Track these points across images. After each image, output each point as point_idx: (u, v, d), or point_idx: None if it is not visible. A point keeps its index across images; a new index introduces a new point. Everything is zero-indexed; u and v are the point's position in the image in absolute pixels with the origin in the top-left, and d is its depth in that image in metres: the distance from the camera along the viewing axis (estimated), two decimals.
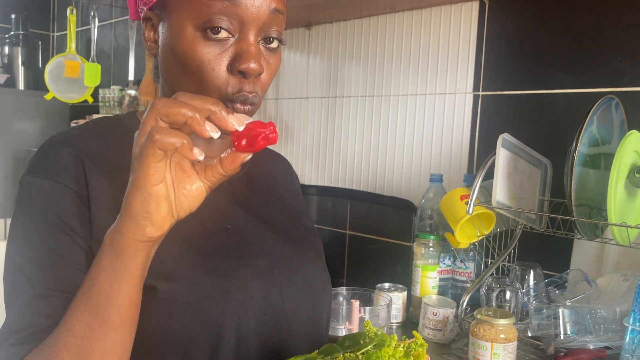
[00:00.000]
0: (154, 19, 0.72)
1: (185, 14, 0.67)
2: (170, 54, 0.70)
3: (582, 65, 1.31)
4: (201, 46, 0.67)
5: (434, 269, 1.35)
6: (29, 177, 0.71)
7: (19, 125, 2.69)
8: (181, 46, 0.67)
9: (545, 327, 1.12)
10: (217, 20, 0.66)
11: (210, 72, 0.67)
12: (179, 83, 0.70)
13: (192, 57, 0.67)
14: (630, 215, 1.08)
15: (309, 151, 1.93)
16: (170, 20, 0.69)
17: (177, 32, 0.68)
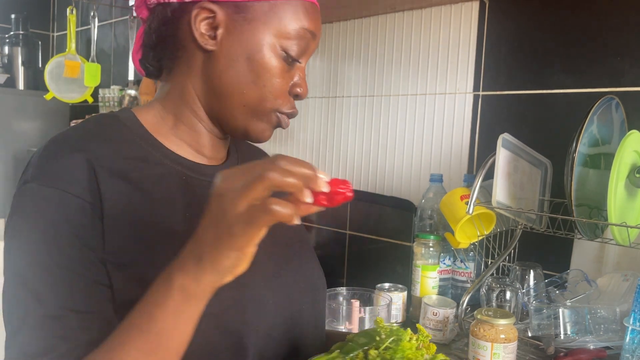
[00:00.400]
0: (221, 15, 0.71)
1: (273, 30, 0.71)
2: (242, 60, 0.71)
3: (582, 65, 1.31)
4: (280, 64, 0.72)
5: (434, 269, 1.35)
6: (34, 184, 0.65)
7: (19, 125, 2.69)
8: (262, 58, 0.71)
9: (546, 327, 1.12)
10: (300, 49, 0.73)
11: (277, 89, 0.72)
12: (242, 88, 0.72)
13: (270, 72, 0.71)
14: (630, 215, 1.08)
15: (309, 151, 1.93)
16: (252, 28, 0.71)
17: (261, 44, 0.71)
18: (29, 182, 0.66)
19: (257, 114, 0.74)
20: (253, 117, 0.74)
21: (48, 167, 0.66)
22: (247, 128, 0.75)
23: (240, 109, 0.73)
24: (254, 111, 0.73)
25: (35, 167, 0.67)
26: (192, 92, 0.75)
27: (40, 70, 2.74)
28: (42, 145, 0.70)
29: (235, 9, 0.71)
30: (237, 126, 0.75)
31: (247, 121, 0.74)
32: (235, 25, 0.71)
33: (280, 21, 0.71)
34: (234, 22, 0.71)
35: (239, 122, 0.75)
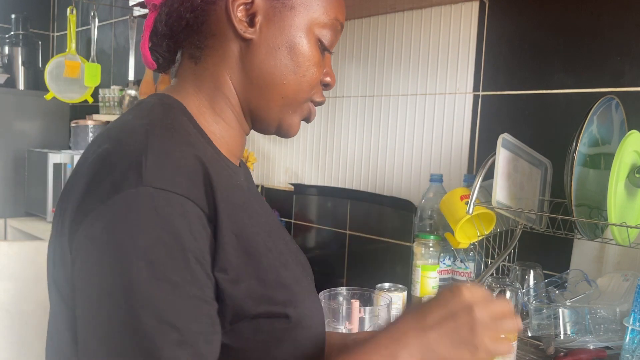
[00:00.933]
0: (260, 2, 0.68)
1: (313, 19, 0.70)
2: (283, 48, 0.69)
3: (582, 65, 1.31)
4: (318, 53, 0.72)
5: (434, 269, 1.35)
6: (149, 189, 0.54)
7: (19, 125, 2.69)
8: (303, 47, 0.69)
9: (545, 327, 1.12)
10: (334, 39, 0.73)
11: (315, 78, 0.72)
12: (282, 78, 0.69)
13: (310, 61, 0.70)
14: (630, 215, 1.08)
15: (309, 151, 1.93)
16: (292, 15, 0.69)
17: (302, 32, 0.69)
18: (140, 186, 0.54)
19: (293, 105, 0.72)
20: (289, 109, 0.72)
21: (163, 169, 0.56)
22: (281, 121, 0.73)
23: (278, 101, 0.71)
24: (291, 102, 0.72)
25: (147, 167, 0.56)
26: (230, 83, 0.70)
27: (41, 70, 2.75)
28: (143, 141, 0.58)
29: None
30: (272, 119, 0.73)
31: (282, 113, 0.72)
32: (275, 12, 0.68)
33: (319, 9, 0.70)
34: (273, 9, 0.68)
35: (274, 115, 0.72)
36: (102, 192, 0.56)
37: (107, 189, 0.55)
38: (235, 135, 0.73)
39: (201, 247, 0.56)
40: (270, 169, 2.05)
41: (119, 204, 0.54)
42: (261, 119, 0.73)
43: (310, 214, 1.92)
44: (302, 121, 0.76)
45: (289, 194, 1.97)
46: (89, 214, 0.56)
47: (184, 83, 0.71)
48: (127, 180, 0.55)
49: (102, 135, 0.66)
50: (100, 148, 0.61)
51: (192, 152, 0.60)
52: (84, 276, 0.56)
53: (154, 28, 0.71)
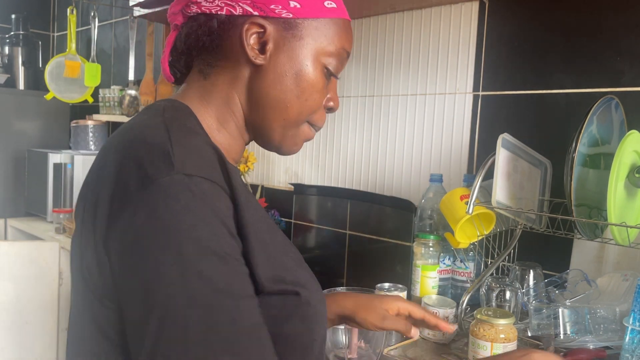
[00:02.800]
0: (271, 31, 0.72)
1: (320, 48, 0.75)
2: (290, 75, 0.74)
3: (582, 65, 1.31)
4: (322, 80, 0.76)
5: (434, 269, 1.35)
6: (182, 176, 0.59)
7: (19, 125, 2.69)
8: (309, 75, 0.74)
9: (545, 327, 1.12)
10: (339, 67, 0.78)
11: (317, 103, 0.76)
12: (286, 102, 0.74)
13: (314, 87, 0.75)
14: (630, 215, 1.08)
15: (309, 151, 1.93)
16: (301, 45, 0.74)
17: (309, 60, 0.74)
18: (173, 174, 0.59)
19: (293, 126, 0.77)
20: (290, 130, 0.77)
21: (190, 157, 0.61)
22: (282, 141, 0.78)
23: (280, 122, 0.76)
24: (292, 124, 0.76)
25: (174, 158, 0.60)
26: (237, 101, 0.76)
27: (41, 70, 2.75)
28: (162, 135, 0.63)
29: (285, 25, 0.73)
30: (274, 138, 0.78)
31: (283, 134, 0.77)
32: (284, 41, 0.73)
33: (326, 39, 0.75)
34: (283, 39, 0.73)
35: (276, 135, 0.77)
36: (137, 184, 0.59)
37: (141, 180, 0.59)
38: (236, 144, 0.78)
39: (233, 224, 0.62)
40: (270, 169, 2.05)
41: (156, 192, 0.58)
42: (263, 137, 0.79)
43: (310, 213, 1.92)
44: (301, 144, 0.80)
45: (289, 194, 1.97)
46: (127, 206, 0.59)
47: (190, 92, 0.76)
48: (159, 170, 0.59)
49: (120, 134, 0.70)
50: (122, 144, 0.66)
51: (208, 141, 0.67)
52: (133, 265, 0.59)
53: (174, 45, 0.78)
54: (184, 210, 0.58)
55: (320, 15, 0.75)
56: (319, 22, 0.75)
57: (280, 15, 0.72)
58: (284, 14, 0.72)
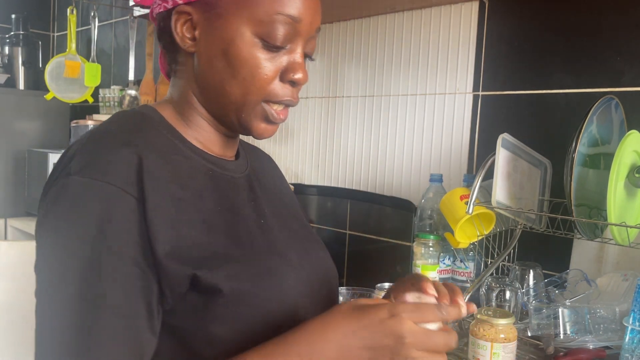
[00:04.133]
0: (195, 15, 0.71)
1: (245, 20, 0.69)
2: (219, 56, 0.71)
3: (582, 65, 1.31)
4: (259, 54, 0.70)
5: (434, 269, 1.35)
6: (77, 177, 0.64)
7: (19, 125, 2.69)
8: (237, 51, 0.70)
9: (545, 326, 1.12)
10: (279, 34, 0.70)
11: (262, 76, 0.71)
12: (224, 84, 0.72)
13: (248, 63, 0.70)
14: (630, 215, 1.08)
15: (309, 151, 1.93)
16: (223, 23, 0.70)
17: (234, 36, 0.70)
18: (71, 175, 0.64)
19: (244, 109, 0.73)
20: (242, 113, 0.73)
21: (93, 160, 0.65)
22: (242, 124, 0.75)
23: (230, 105, 0.73)
24: (241, 107, 0.73)
25: (77, 160, 0.65)
26: (192, 93, 0.75)
27: (41, 70, 2.75)
28: (84, 139, 0.69)
29: (206, 6, 0.71)
30: (233, 123, 0.75)
31: (238, 117, 0.74)
32: (208, 22, 0.71)
33: (252, 9, 0.69)
34: (207, 20, 0.71)
35: (233, 119, 0.75)
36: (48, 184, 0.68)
37: (50, 181, 0.67)
38: (210, 137, 0.77)
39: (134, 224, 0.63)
40: None
41: (54, 191, 0.65)
42: (226, 124, 0.77)
43: (310, 213, 1.92)
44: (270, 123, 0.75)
45: None
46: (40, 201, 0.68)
47: (167, 93, 0.79)
48: (62, 172, 0.65)
49: None
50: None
51: (129, 149, 0.66)
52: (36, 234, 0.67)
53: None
54: (70, 209, 0.63)
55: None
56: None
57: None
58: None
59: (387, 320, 0.61)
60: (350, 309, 0.63)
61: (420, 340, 0.60)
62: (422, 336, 0.61)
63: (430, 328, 0.63)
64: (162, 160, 0.68)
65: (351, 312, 0.63)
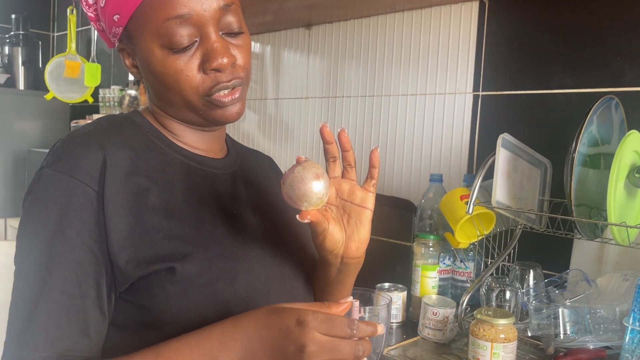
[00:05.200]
0: (127, 48, 0.79)
1: (147, 39, 0.74)
2: (150, 76, 0.76)
3: (582, 65, 1.31)
4: (171, 61, 0.73)
5: (434, 269, 1.35)
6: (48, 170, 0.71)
7: (19, 125, 2.69)
8: (155, 68, 0.74)
9: (545, 327, 1.12)
10: (176, 38, 0.72)
11: (185, 79, 0.74)
12: (165, 97, 0.77)
13: (167, 73, 0.74)
14: (630, 215, 1.08)
15: (309, 151, 1.93)
16: (139, 48, 0.75)
17: (148, 57, 0.74)
18: (44, 168, 0.71)
19: (195, 108, 0.76)
20: (197, 111, 0.77)
21: (64, 155, 0.71)
22: (204, 118, 0.78)
23: (183, 112, 0.78)
24: (191, 108, 0.76)
25: (52, 155, 0.73)
26: (155, 107, 0.82)
27: (41, 70, 2.75)
28: (63, 138, 0.75)
29: (127, 38, 0.77)
30: (197, 119, 0.79)
31: (196, 114, 0.78)
32: (134, 51, 0.77)
33: (147, 26, 0.73)
34: (132, 50, 0.78)
35: (196, 119, 0.78)
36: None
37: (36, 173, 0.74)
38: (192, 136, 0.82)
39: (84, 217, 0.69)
40: None
41: (33, 181, 0.72)
42: (194, 124, 0.80)
43: None
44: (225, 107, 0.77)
45: None
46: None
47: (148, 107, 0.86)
48: (41, 165, 0.73)
49: None
50: None
51: (96, 149, 0.72)
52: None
53: None
54: (38, 201, 0.70)
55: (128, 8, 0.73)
56: (135, 14, 0.73)
57: (117, 34, 0.78)
58: (114, 29, 0.77)
59: (293, 327, 0.60)
60: (266, 312, 0.64)
61: (323, 351, 0.60)
62: (326, 346, 0.60)
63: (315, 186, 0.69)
64: (132, 155, 0.74)
65: (265, 316, 0.64)
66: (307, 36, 1.93)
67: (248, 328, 0.64)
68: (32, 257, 0.68)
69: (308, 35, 1.92)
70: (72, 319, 0.67)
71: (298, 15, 1.78)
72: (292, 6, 1.68)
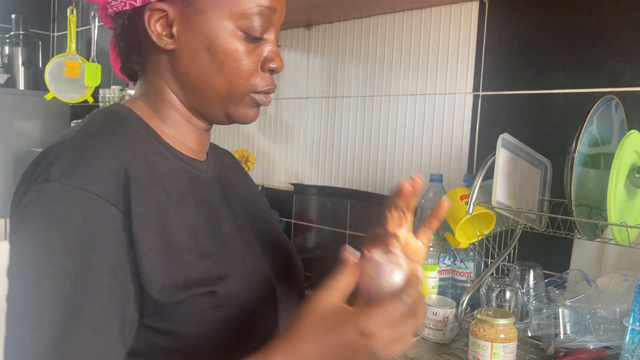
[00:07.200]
0: (171, 12, 0.71)
1: (226, 14, 0.70)
2: (203, 52, 0.71)
3: (582, 65, 1.31)
4: (241, 47, 0.71)
5: (434, 269, 1.35)
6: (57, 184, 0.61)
7: (19, 125, 2.69)
8: (221, 45, 0.70)
9: (545, 327, 1.12)
10: (258, 26, 0.71)
11: (246, 68, 0.72)
12: (211, 79, 0.72)
13: (233, 56, 0.71)
14: (630, 215, 1.08)
15: (309, 151, 1.93)
16: (204, 18, 0.70)
17: (216, 32, 0.70)
18: (51, 181, 0.61)
19: (232, 100, 0.74)
20: (230, 104, 0.74)
21: (75, 167, 0.62)
22: (229, 115, 0.76)
23: (214, 99, 0.74)
24: (229, 98, 0.74)
25: (59, 165, 0.62)
26: (168, 90, 0.75)
27: (41, 70, 2.74)
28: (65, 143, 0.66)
29: (184, 2, 0.70)
30: (218, 115, 0.76)
31: (225, 109, 0.75)
32: (187, 18, 0.70)
33: (233, 4, 0.70)
34: (186, 16, 0.70)
35: (218, 111, 0.75)
36: (23, 186, 0.65)
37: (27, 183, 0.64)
38: (188, 133, 0.77)
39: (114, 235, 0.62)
40: (270, 169, 2.05)
41: (30, 196, 0.62)
42: (209, 116, 0.77)
43: (310, 214, 1.92)
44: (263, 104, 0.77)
45: (289, 194, 1.97)
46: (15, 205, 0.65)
47: (136, 94, 0.78)
48: (40, 177, 0.63)
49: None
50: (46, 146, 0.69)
51: (114, 154, 0.65)
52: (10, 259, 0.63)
53: (116, 49, 0.78)
54: (48, 217, 0.60)
55: None
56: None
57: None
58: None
59: (359, 340, 0.58)
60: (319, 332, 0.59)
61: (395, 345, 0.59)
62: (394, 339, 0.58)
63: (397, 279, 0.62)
64: (145, 165, 0.68)
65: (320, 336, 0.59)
66: (307, 36, 1.93)
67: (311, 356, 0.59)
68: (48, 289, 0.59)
69: (308, 35, 1.92)
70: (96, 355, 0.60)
71: (298, 15, 1.78)
72: (292, 6, 1.67)
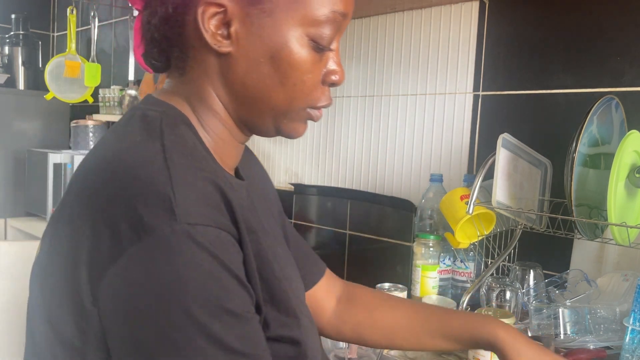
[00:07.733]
0: (232, 9, 0.60)
1: (299, 19, 0.60)
2: (266, 60, 0.61)
3: (582, 65, 1.31)
4: (310, 57, 0.62)
5: (434, 269, 1.35)
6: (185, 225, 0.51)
7: (19, 125, 2.69)
8: (289, 55, 0.61)
9: (545, 327, 1.12)
10: (329, 35, 0.62)
11: (310, 81, 0.63)
12: (269, 91, 0.63)
13: (299, 68, 0.62)
14: (630, 215, 1.08)
15: (309, 151, 1.93)
16: (272, 22, 0.60)
17: (286, 39, 0.60)
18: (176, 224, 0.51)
19: (287, 114, 0.65)
20: (284, 118, 0.65)
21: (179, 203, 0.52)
22: (279, 129, 0.67)
23: (268, 113, 0.65)
24: (285, 113, 0.65)
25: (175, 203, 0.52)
26: (214, 97, 0.65)
27: (41, 70, 2.75)
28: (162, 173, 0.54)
29: (248, 2, 0.60)
30: (268, 128, 0.67)
31: (277, 123, 0.66)
32: (252, 20, 0.60)
33: (307, 8, 0.60)
34: (250, 17, 0.60)
35: (269, 125, 0.66)
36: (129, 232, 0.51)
37: (134, 229, 0.51)
38: (227, 147, 0.68)
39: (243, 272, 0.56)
40: (270, 169, 2.05)
41: (155, 245, 0.51)
42: (257, 130, 0.68)
43: (310, 213, 1.92)
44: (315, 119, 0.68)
45: (289, 193, 1.97)
46: (117, 257, 0.51)
47: (173, 93, 0.66)
48: (158, 219, 0.51)
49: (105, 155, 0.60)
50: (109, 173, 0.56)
51: (210, 178, 0.57)
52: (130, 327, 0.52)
53: (143, 34, 0.66)
54: (189, 266, 0.51)
55: None
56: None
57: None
58: None
59: None
60: None
61: None
62: None
63: None
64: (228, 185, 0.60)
65: None
66: None
67: None
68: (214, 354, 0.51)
69: None
70: None
71: None
72: None
